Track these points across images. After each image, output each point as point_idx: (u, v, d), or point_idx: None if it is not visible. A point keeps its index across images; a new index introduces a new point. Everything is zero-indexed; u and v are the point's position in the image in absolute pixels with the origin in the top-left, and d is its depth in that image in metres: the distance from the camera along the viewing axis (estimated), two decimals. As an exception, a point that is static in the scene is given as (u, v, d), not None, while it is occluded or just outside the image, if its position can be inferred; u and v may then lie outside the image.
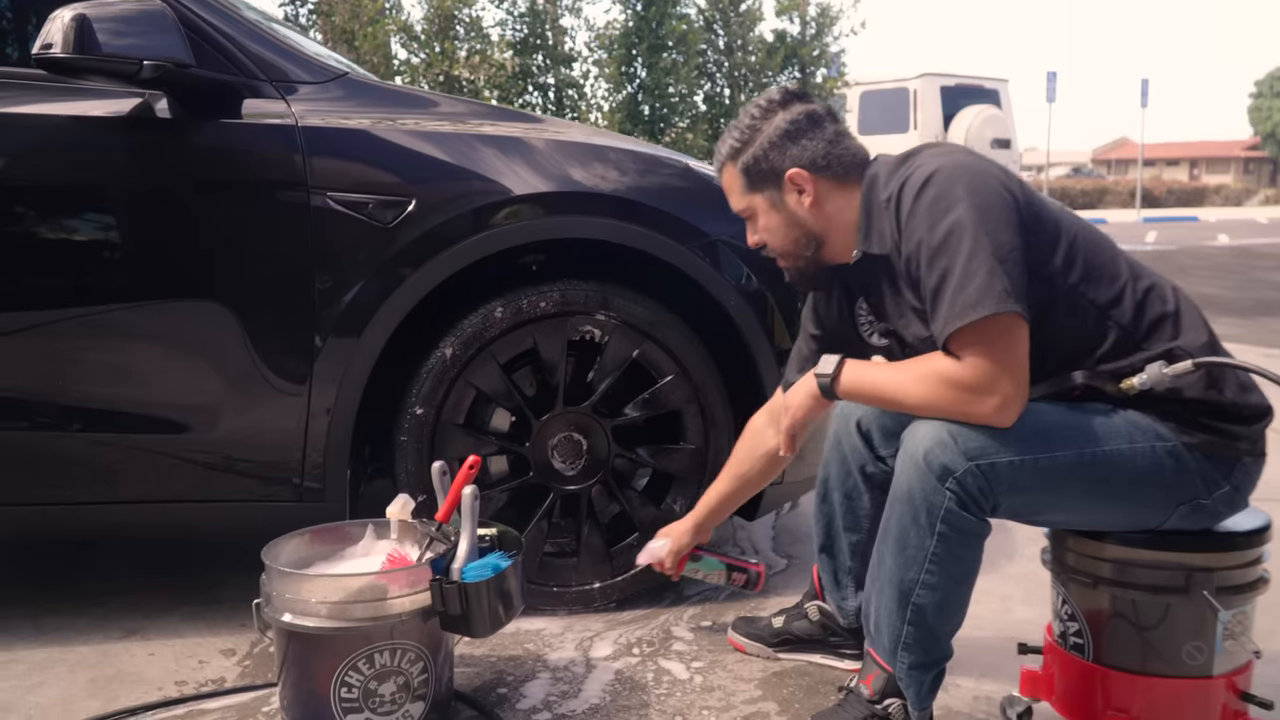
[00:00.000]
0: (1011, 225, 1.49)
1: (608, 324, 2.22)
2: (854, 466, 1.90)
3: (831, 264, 1.74)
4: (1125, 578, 1.57)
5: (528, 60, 7.91)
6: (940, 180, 1.51)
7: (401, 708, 1.68)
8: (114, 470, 2.08)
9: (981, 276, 1.44)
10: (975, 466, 1.47)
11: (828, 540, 1.99)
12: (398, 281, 2.08)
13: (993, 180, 1.51)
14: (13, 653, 2.07)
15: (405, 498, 1.91)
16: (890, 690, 1.61)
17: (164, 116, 2.03)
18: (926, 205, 1.51)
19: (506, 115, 2.34)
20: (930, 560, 1.51)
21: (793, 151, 1.68)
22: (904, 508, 1.53)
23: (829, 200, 1.69)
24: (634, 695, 1.91)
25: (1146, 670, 1.58)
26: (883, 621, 1.60)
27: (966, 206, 1.47)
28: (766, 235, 1.74)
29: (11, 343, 2.01)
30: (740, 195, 1.74)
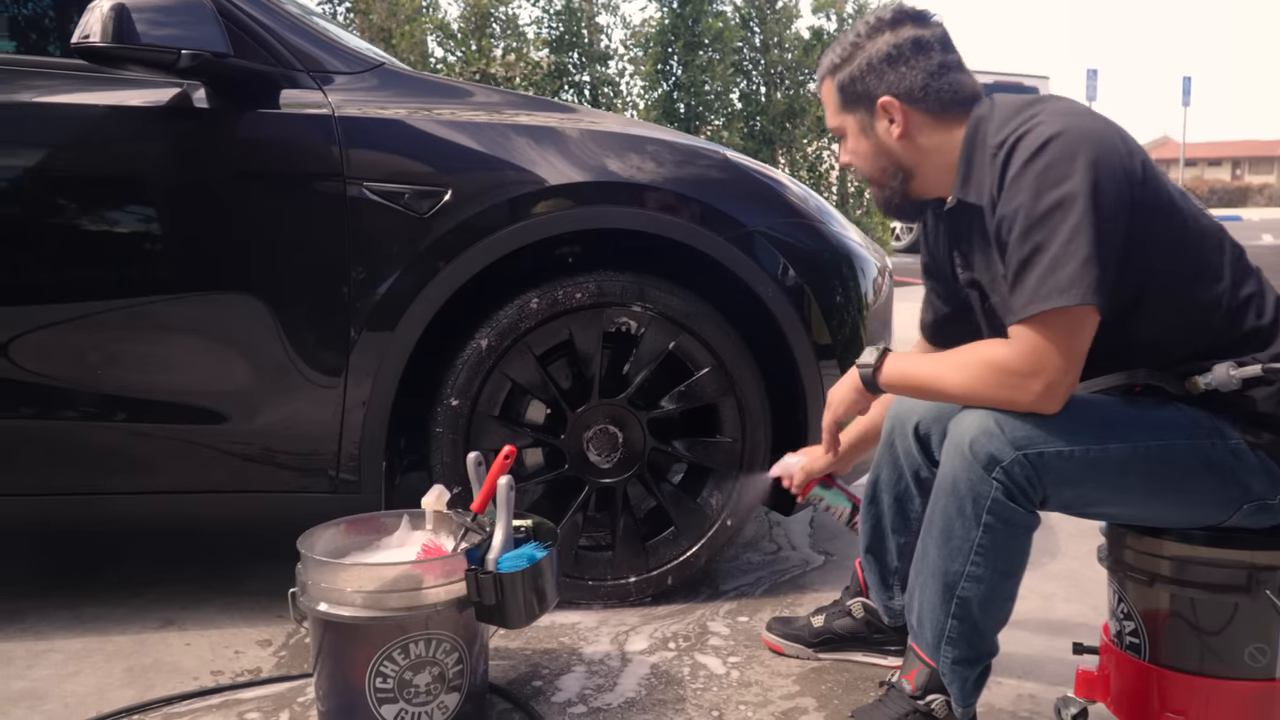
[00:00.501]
0: (1122, 209, 1.39)
1: (644, 315, 2.20)
2: (907, 470, 1.84)
3: (921, 199, 1.67)
4: (1185, 576, 1.51)
5: (563, 58, 7.91)
6: (1059, 146, 1.39)
7: (436, 699, 1.67)
8: (152, 461, 2.09)
9: (1076, 263, 1.36)
10: (1023, 456, 1.42)
11: (875, 541, 1.93)
12: (433, 272, 2.07)
13: (1116, 155, 1.41)
14: (51, 642, 2.08)
15: (440, 488, 1.89)
16: (933, 686, 1.57)
17: (202, 106, 2.04)
18: (1038, 171, 1.40)
19: (542, 105, 2.33)
20: (976, 552, 1.47)
21: (890, 77, 1.57)
22: (949, 498, 1.49)
23: (922, 134, 1.59)
24: (670, 689, 1.88)
25: (1205, 671, 1.52)
26: (926, 615, 1.56)
27: (1081, 182, 1.37)
28: (854, 158, 1.66)
29: (48, 331, 2.02)
30: (834, 112, 1.66)
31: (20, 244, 2.00)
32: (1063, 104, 1.48)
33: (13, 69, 2.06)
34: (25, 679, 1.92)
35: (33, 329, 2.01)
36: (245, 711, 1.80)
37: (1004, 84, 13.84)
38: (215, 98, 2.04)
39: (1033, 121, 1.44)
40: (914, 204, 1.68)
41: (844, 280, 2.34)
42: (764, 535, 2.80)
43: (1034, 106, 1.49)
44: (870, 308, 2.41)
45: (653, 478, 2.29)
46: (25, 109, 2.00)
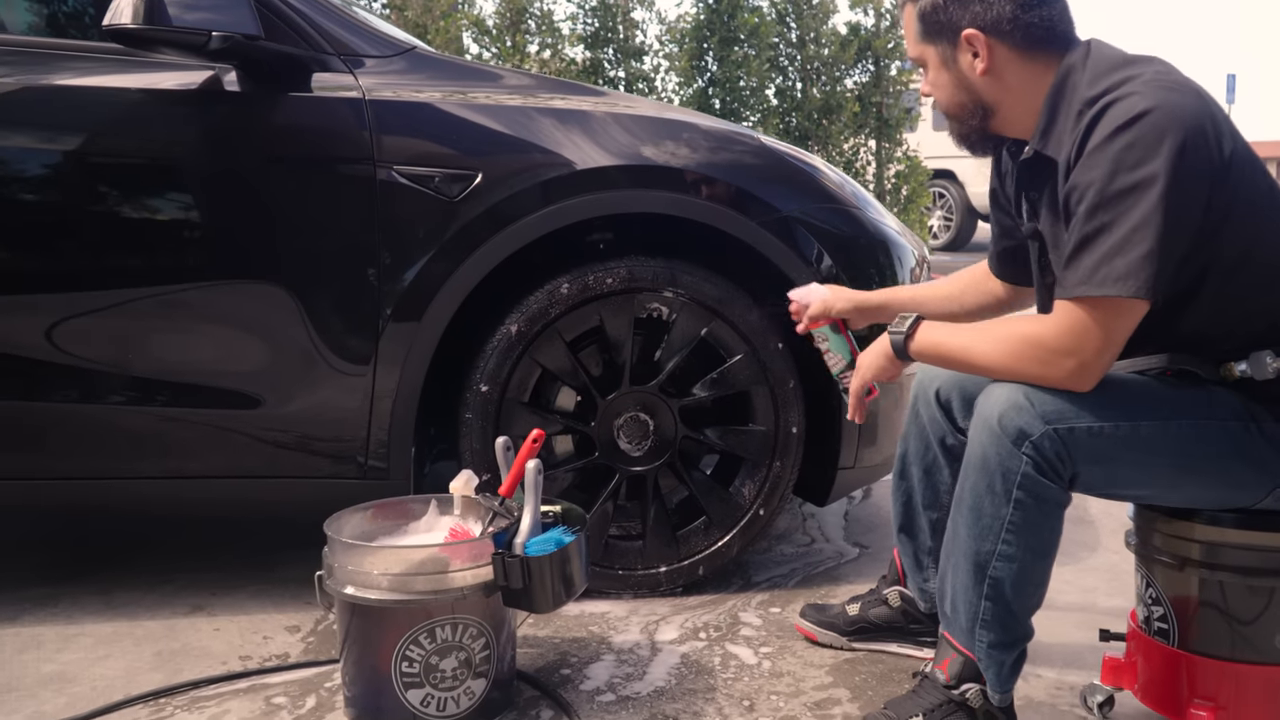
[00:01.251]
0: (1198, 203, 1.35)
1: (676, 301, 2.16)
2: (933, 439, 1.81)
3: (999, 136, 1.60)
4: (1216, 560, 1.50)
5: (598, 54, 7.89)
6: (1148, 124, 1.33)
7: (463, 684, 1.65)
8: (185, 446, 2.09)
9: (1138, 255, 1.32)
10: (1053, 430, 1.39)
11: (907, 519, 1.90)
12: (463, 256, 2.05)
13: (1204, 143, 1.35)
14: (81, 626, 2.09)
15: (469, 473, 1.88)
16: (968, 675, 1.52)
17: (233, 90, 2.03)
18: (1121, 148, 1.34)
19: (573, 89, 2.30)
20: (1007, 529, 1.43)
21: (975, 7, 1.49)
22: (978, 475, 1.45)
23: (1008, 71, 1.51)
24: (700, 679, 1.85)
25: (1236, 657, 1.50)
26: (959, 598, 1.51)
27: (1163, 168, 1.31)
28: (934, 90, 1.59)
29: (80, 313, 2.02)
30: (914, 41, 1.58)
31: (52, 227, 2.01)
32: (1161, 71, 1.41)
33: (45, 52, 2.06)
34: (55, 662, 1.93)
35: (65, 312, 2.01)
36: (272, 696, 1.79)
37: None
38: (246, 81, 2.04)
39: (1126, 89, 1.37)
40: (990, 140, 1.62)
41: (880, 267, 2.30)
42: (797, 527, 2.76)
43: (1131, 68, 1.42)
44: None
45: (684, 466, 2.25)
46: (57, 92, 2.00)
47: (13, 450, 2.06)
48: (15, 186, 1.99)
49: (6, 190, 1.98)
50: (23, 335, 2.00)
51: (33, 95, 2.00)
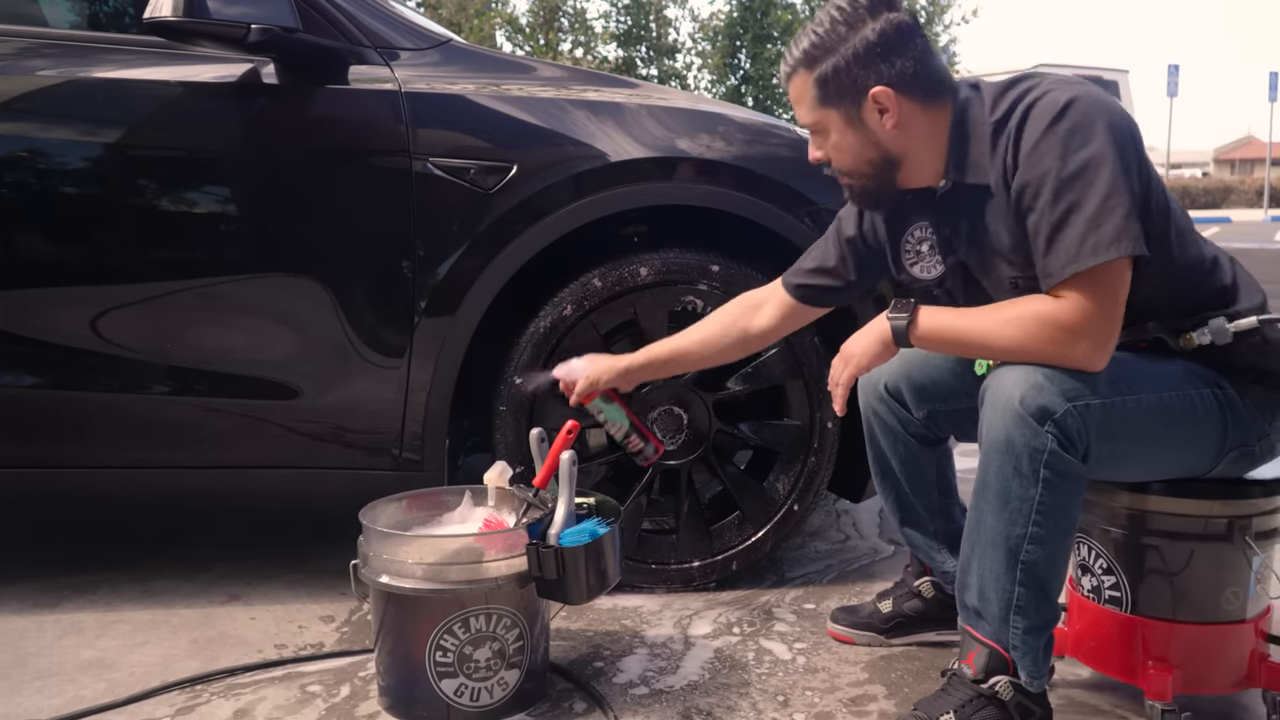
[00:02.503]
0: (1142, 168, 1.43)
1: (710, 294, 2.15)
2: (899, 430, 1.83)
3: (905, 188, 1.62)
4: (1167, 528, 1.60)
5: (631, 52, 7.90)
6: (1079, 111, 1.41)
7: (496, 674, 1.65)
8: (223, 436, 2.10)
9: (1118, 217, 1.38)
10: (1073, 407, 1.41)
11: (905, 513, 1.91)
12: (499, 248, 2.06)
13: (1125, 122, 1.43)
14: (119, 614, 2.11)
15: (503, 464, 1.88)
16: (994, 667, 1.50)
17: (271, 82, 2.04)
18: (1062, 134, 1.41)
19: (607, 81, 2.30)
20: (1037, 511, 1.43)
21: (880, 67, 1.51)
22: (1002, 458, 1.44)
23: (914, 121, 1.54)
24: (734, 674, 1.84)
25: (1189, 618, 1.60)
26: (990, 588, 1.49)
27: (1107, 142, 1.39)
28: (835, 154, 1.59)
29: (119, 304, 2.04)
30: (811, 108, 1.57)
31: (93, 219, 2.02)
32: (1054, 77, 1.50)
33: (86, 45, 2.08)
34: (94, 648, 1.94)
35: (106, 302, 2.03)
36: (307, 684, 1.80)
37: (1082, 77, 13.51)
38: (284, 73, 2.05)
39: (1037, 91, 1.46)
40: (897, 194, 1.64)
41: (916, 261, 2.28)
42: (831, 524, 2.74)
43: (1025, 81, 1.50)
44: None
45: (718, 461, 2.24)
46: (98, 85, 2.02)
47: (56, 439, 2.08)
48: (57, 178, 2.01)
49: (49, 182, 2.00)
50: (65, 325, 2.02)
51: (74, 88, 2.02)
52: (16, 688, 1.78)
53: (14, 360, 2.03)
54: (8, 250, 2.03)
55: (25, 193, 1.99)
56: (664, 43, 7.94)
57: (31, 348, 2.03)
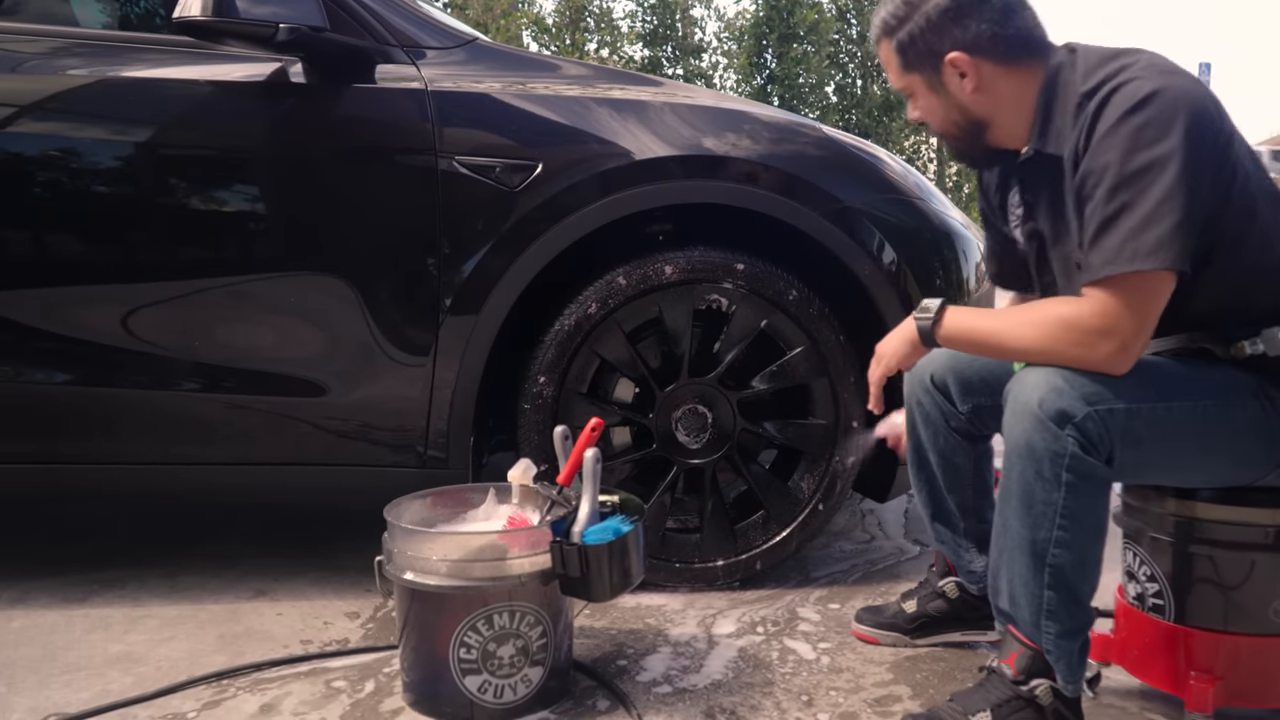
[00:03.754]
0: (1212, 176, 1.38)
1: (735, 293, 2.15)
2: (940, 423, 1.81)
3: (998, 147, 1.61)
4: (1213, 536, 1.56)
5: (657, 51, 7.90)
6: (1159, 105, 1.36)
7: (520, 671, 1.65)
8: (250, 433, 2.12)
9: (1166, 227, 1.33)
10: (1094, 411, 1.38)
11: (936, 508, 1.89)
12: (524, 246, 2.06)
13: (1210, 119, 1.38)
14: (147, 608, 2.12)
15: (527, 462, 1.88)
16: (1036, 669, 1.48)
17: (299, 81, 2.05)
18: (1134, 128, 1.36)
19: (633, 79, 2.30)
20: (1061, 514, 1.41)
21: (954, 32, 1.51)
22: (1024, 463, 1.43)
23: (996, 85, 1.54)
24: (758, 673, 1.83)
25: (1231, 629, 1.57)
26: (1019, 593, 1.48)
27: (1178, 144, 1.34)
28: (927, 115, 1.61)
29: (148, 302, 2.06)
30: (898, 73, 1.60)
31: (122, 217, 2.04)
32: (1155, 58, 1.44)
33: (117, 45, 2.10)
34: (122, 643, 1.96)
35: (134, 301, 2.05)
36: (332, 679, 1.81)
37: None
38: (312, 73, 2.06)
39: (1127, 74, 1.40)
40: (992, 153, 1.64)
41: (944, 260, 2.27)
42: (856, 524, 2.72)
43: (1124, 57, 1.45)
44: (973, 294, 2.32)
45: (742, 459, 2.24)
46: (128, 84, 2.04)
47: (86, 435, 2.10)
48: (89, 177, 2.03)
49: (82, 180, 2.03)
50: (96, 322, 2.04)
51: (104, 88, 2.04)
52: (45, 681, 1.80)
53: (47, 356, 2.05)
54: (43, 248, 2.05)
55: (59, 191, 2.02)
56: (689, 43, 7.94)
57: (64, 344, 2.05)
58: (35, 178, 2.02)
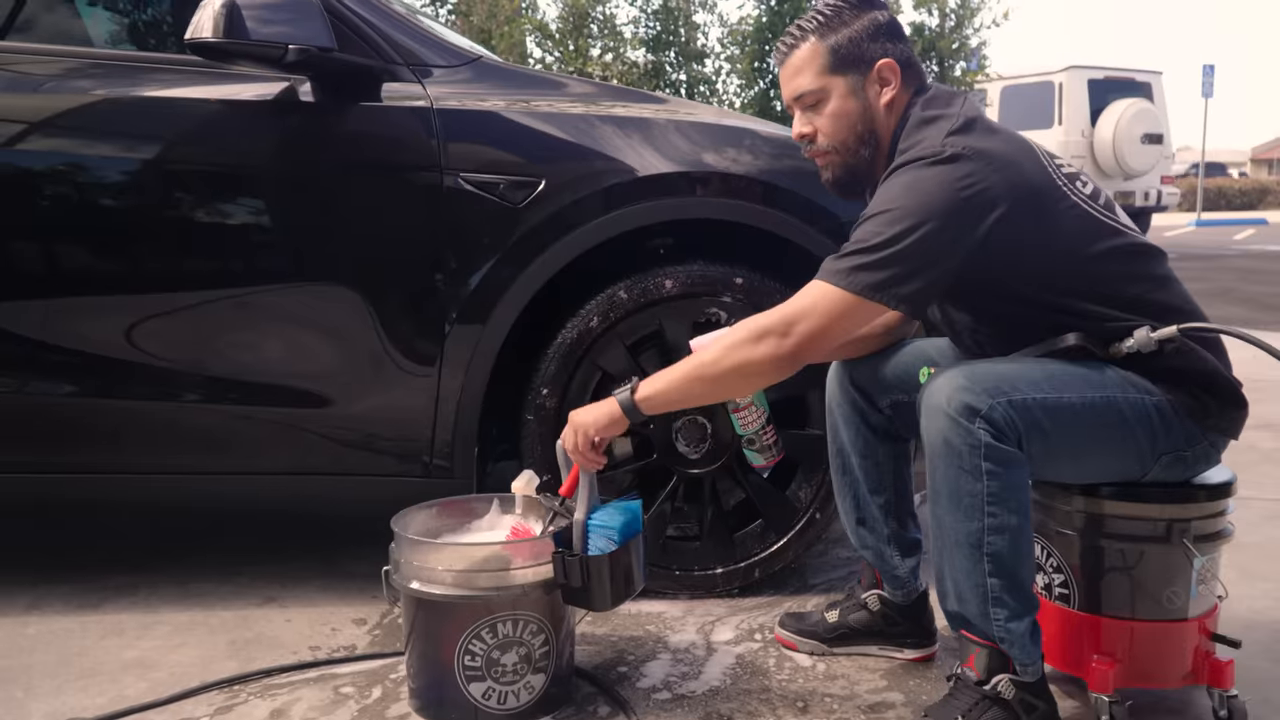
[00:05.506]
0: (976, 231, 1.51)
1: (734, 306, 2.19)
2: (860, 424, 1.90)
3: (872, 176, 1.71)
4: (1111, 530, 1.67)
5: (660, 57, 7.94)
6: (944, 165, 1.51)
7: (523, 678, 1.70)
8: (255, 443, 2.17)
9: (864, 260, 1.51)
10: (997, 402, 1.50)
11: (861, 512, 1.96)
12: (527, 261, 2.11)
13: (1011, 178, 1.52)
14: (159, 615, 2.17)
15: (530, 473, 1.92)
16: (995, 666, 1.56)
17: (307, 100, 2.10)
18: (909, 178, 1.53)
19: (636, 96, 2.34)
20: (988, 502, 1.50)
21: (886, 45, 1.66)
22: (944, 461, 1.52)
23: (895, 107, 1.67)
24: (755, 679, 1.88)
25: (1130, 615, 1.68)
26: (964, 587, 1.55)
27: (947, 201, 1.50)
28: (831, 123, 1.68)
29: (159, 315, 2.11)
30: (816, 75, 1.67)
31: (136, 232, 2.09)
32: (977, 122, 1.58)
33: (130, 65, 2.15)
34: (136, 648, 2.01)
35: (144, 313, 2.10)
36: (340, 685, 1.86)
37: (1114, 80, 13.40)
38: (320, 91, 2.10)
39: (945, 124, 1.57)
40: (865, 179, 1.73)
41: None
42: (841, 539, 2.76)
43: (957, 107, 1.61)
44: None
45: (740, 469, 2.28)
46: (142, 103, 2.09)
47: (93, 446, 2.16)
48: (105, 193, 2.09)
49: (99, 196, 2.08)
50: (109, 334, 2.09)
51: (120, 106, 2.09)
52: (62, 686, 1.85)
53: (66, 369, 2.11)
54: (59, 262, 2.11)
55: (77, 207, 2.07)
56: (693, 48, 7.96)
57: (75, 357, 2.10)
58: (55, 192, 2.08)
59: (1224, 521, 1.70)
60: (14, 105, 2.08)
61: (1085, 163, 12.97)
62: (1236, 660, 1.72)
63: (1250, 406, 1.66)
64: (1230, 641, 1.72)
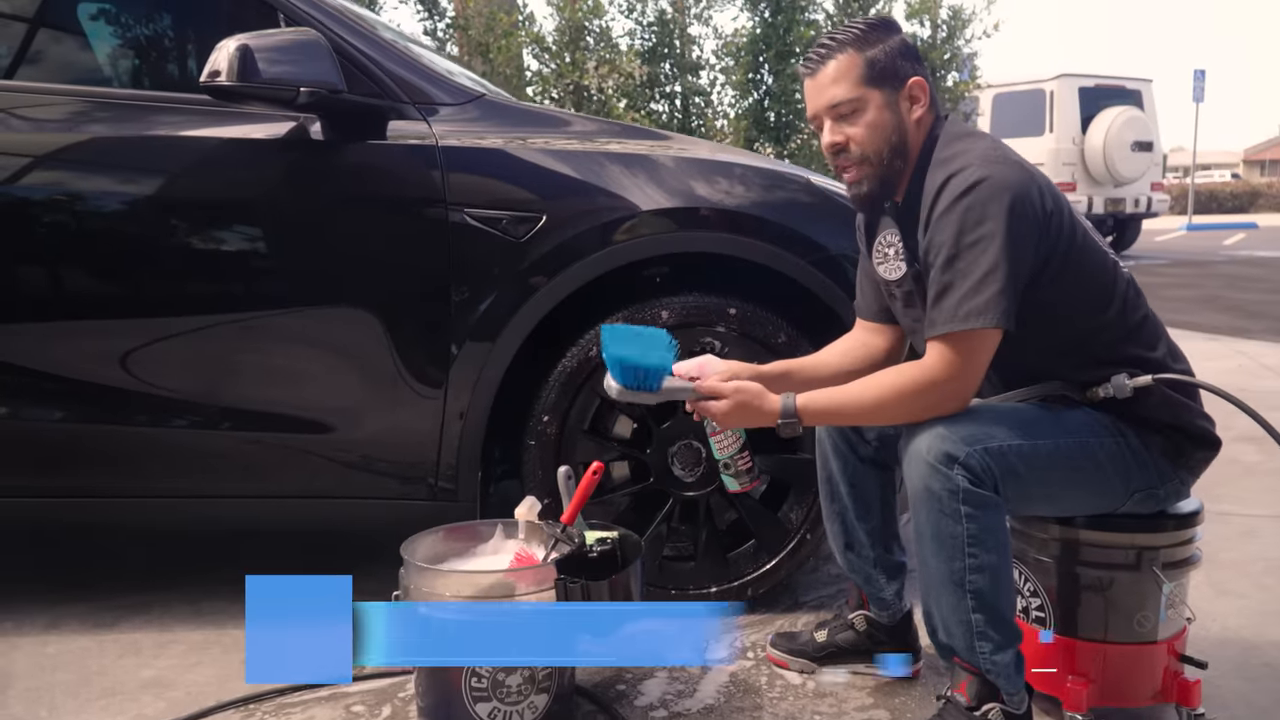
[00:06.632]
0: (1031, 248, 1.62)
1: (728, 335, 2.28)
2: (849, 454, 1.97)
3: (894, 189, 1.79)
4: (1085, 557, 1.78)
5: (656, 69, 8.01)
6: (982, 193, 1.60)
7: (527, 699, 1.78)
8: (263, 467, 2.25)
9: (991, 293, 1.58)
10: (974, 450, 1.60)
11: (849, 537, 2.03)
12: (529, 293, 2.19)
13: (1030, 200, 1.61)
14: (174, 634, 2.25)
15: (532, 499, 2.01)
16: (986, 695, 1.65)
17: (317, 139, 2.18)
18: (961, 211, 1.61)
19: (635, 133, 2.43)
20: (968, 543, 1.60)
21: (915, 65, 1.75)
22: (926, 506, 1.62)
23: (921, 125, 1.76)
24: (747, 698, 1.97)
25: (1103, 638, 1.78)
26: (951, 622, 1.65)
27: (999, 225, 1.58)
28: (867, 133, 1.72)
29: (182, 345, 2.21)
30: (854, 84, 1.72)
31: (158, 265, 2.19)
32: (988, 149, 1.66)
33: (148, 104, 2.23)
34: (153, 668, 2.09)
35: (165, 343, 2.20)
36: (351, 704, 1.94)
37: (1105, 87, 13.53)
38: (329, 130, 2.18)
39: (962, 161, 1.64)
40: (888, 192, 1.79)
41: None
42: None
43: (967, 143, 1.69)
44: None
45: (735, 492, 2.36)
46: (161, 141, 2.18)
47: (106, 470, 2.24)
48: (128, 226, 2.18)
49: (120, 230, 2.18)
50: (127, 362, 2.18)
51: (139, 144, 2.18)
52: (84, 706, 1.93)
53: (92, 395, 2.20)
54: (78, 293, 2.20)
55: (101, 239, 2.17)
56: (688, 60, 8.05)
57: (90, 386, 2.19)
58: (77, 226, 2.17)
59: (1192, 549, 1.81)
60: (42, 142, 2.19)
61: (1076, 170, 13.10)
62: (1209, 678, 1.83)
63: (1231, 418, 1.77)
64: (1197, 662, 1.82)
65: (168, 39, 2.74)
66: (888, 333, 1.98)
